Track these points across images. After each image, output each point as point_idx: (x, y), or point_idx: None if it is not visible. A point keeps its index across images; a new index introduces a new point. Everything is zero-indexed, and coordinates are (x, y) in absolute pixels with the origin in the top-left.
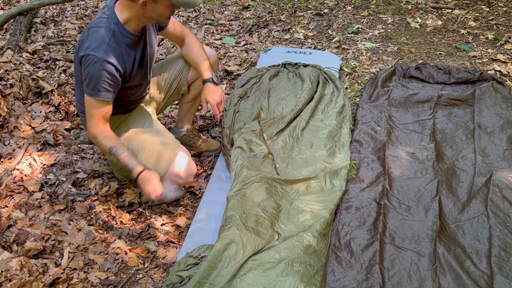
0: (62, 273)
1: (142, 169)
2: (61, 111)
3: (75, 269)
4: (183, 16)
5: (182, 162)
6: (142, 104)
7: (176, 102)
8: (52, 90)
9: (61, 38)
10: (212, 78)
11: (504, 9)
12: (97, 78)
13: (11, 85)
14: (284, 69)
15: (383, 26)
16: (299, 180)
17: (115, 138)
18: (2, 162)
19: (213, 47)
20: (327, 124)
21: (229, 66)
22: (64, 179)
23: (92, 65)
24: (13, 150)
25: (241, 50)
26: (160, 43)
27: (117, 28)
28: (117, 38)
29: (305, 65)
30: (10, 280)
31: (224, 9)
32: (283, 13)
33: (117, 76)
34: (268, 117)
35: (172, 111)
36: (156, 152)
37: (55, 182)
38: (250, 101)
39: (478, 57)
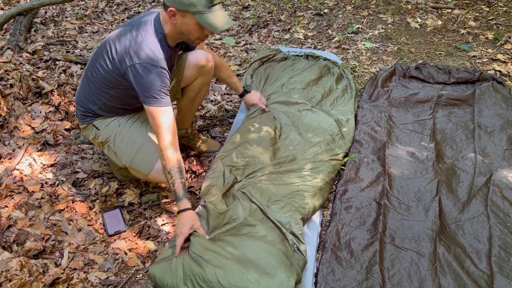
0: (62, 273)
1: (189, 207)
2: (61, 111)
3: (75, 269)
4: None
5: None
6: None
7: (175, 102)
8: (52, 90)
9: (61, 38)
10: (245, 89)
11: (504, 9)
12: (160, 85)
13: (11, 85)
14: (304, 59)
15: (383, 26)
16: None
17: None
18: (2, 162)
19: (213, 47)
20: (333, 116)
21: (229, 66)
22: (64, 179)
23: (152, 73)
24: (13, 150)
25: (241, 50)
26: None
27: (162, 38)
28: (164, 49)
29: (325, 59)
30: (10, 280)
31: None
32: (283, 13)
33: (169, 81)
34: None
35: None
36: (142, 149)
37: (55, 182)
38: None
39: (478, 57)
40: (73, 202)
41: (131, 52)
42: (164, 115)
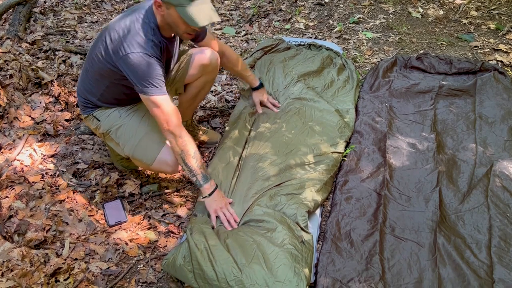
0: (63, 263)
1: (216, 186)
2: (61, 102)
3: (76, 259)
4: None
5: (171, 151)
6: None
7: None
8: (52, 81)
9: (60, 28)
10: (261, 82)
11: None
12: (156, 74)
13: (11, 76)
14: (306, 49)
15: (384, 16)
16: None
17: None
18: (2, 152)
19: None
20: (334, 106)
21: None
22: (64, 169)
23: (146, 63)
24: (13, 141)
25: (242, 40)
26: None
27: (155, 28)
28: (157, 37)
29: (328, 49)
30: (11, 270)
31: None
32: (284, 3)
33: (163, 70)
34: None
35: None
36: (144, 139)
37: (55, 173)
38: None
39: (479, 47)
40: (73, 192)
41: (124, 42)
42: (166, 101)
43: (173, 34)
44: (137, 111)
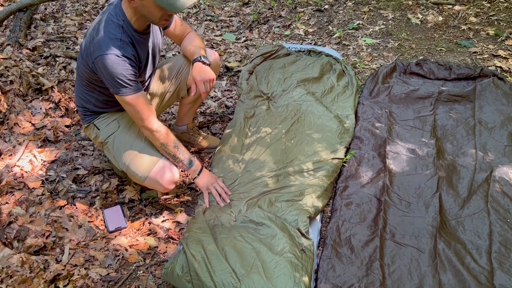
0: (63, 269)
1: (202, 167)
2: (61, 108)
3: (76, 265)
4: (183, 12)
5: (164, 169)
6: None
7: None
8: (52, 87)
9: (61, 35)
10: (200, 57)
11: (505, 4)
12: (123, 74)
13: (11, 82)
14: (306, 56)
15: (384, 22)
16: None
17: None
18: (2, 158)
19: (213, 43)
20: (333, 112)
21: (229, 62)
22: (64, 175)
23: (113, 64)
24: (14, 147)
25: (241, 46)
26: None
27: (125, 24)
28: (127, 34)
29: (327, 55)
30: (11, 277)
31: (224, 5)
32: (284, 9)
33: (136, 67)
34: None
35: (173, 107)
36: (139, 154)
37: (55, 179)
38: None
39: (479, 53)
40: (73, 198)
41: (93, 46)
42: (138, 99)
43: (146, 26)
44: (134, 124)
